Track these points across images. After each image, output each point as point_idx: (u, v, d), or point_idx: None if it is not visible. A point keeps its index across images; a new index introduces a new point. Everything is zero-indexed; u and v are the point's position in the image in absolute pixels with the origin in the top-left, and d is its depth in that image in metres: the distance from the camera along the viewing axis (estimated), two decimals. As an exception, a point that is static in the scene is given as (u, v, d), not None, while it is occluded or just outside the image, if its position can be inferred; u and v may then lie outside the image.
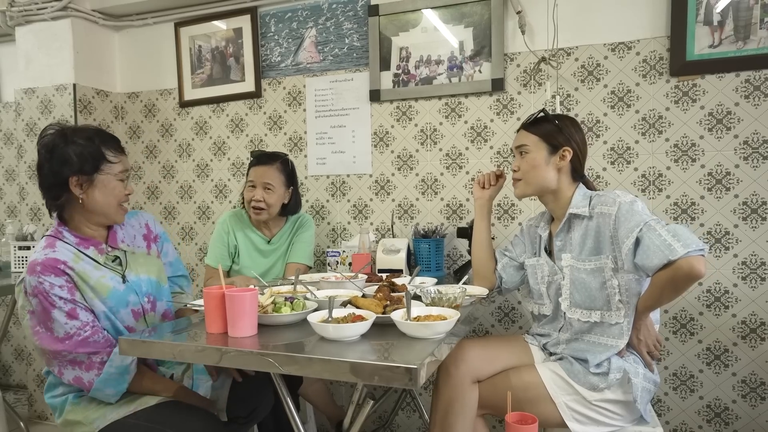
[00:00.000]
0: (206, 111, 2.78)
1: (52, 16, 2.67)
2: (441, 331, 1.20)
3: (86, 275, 1.41)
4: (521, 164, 1.60)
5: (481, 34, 2.24)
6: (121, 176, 1.47)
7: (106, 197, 1.44)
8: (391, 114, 2.42)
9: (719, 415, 2.03)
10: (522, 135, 1.62)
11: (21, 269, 2.57)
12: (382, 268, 2.11)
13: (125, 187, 1.49)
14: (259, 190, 2.07)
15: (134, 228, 1.62)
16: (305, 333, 1.27)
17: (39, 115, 2.78)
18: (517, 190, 1.63)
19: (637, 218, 1.38)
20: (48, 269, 1.35)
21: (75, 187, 1.41)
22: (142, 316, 1.54)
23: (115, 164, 1.46)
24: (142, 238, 1.63)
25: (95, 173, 1.42)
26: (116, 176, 1.46)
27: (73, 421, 1.44)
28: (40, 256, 1.37)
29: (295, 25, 2.57)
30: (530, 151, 1.58)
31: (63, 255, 1.39)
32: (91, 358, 1.38)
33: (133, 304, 1.51)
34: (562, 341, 1.57)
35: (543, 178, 1.56)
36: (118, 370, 1.40)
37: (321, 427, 2.47)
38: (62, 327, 1.35)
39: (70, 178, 1.40)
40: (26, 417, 2.85)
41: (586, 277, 1.49)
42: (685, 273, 1.29)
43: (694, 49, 1.97)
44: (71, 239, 1.45)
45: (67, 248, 1.42)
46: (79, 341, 1.37)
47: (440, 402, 1.51)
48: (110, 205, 1.46)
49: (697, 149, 2.01)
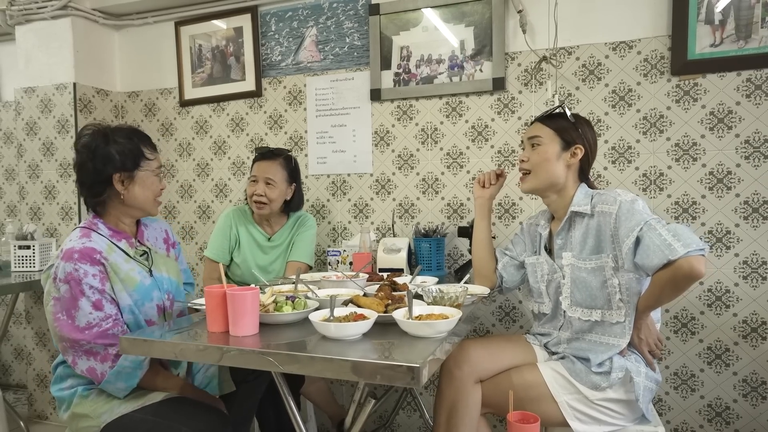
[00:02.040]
0: (206, 110, 2.77)
1: (52, 15, 2.67)
2: (443, 330, 1.20)
3: (117, 267, 1.47)
4: (531, 156, 1.58)
5: (482, 33, 2.24)
6: (158, 172, 1.57)
7: (144, 192, 1.53)
8: (391, 113, 2.42)
9: (720, 415, 2.03)
10: (536, 127, 1.60)
11: (21, 268, 2.57)
12: (382, 267, 2.11)
13: (160, 182, 1.59)
14: (261, 184, 2.09)
15: (156, 231, 1.71)
16: (307, 332, 1.27)
17: (39, 114, 2.78)
18: (526, 184, 1.61)
19: (638, 217, 1.38)
20: (85, 257, 1.40)
21: (117, 183, 1.50)
22: (164, 312, 1.58)
23: (152, 161, 1.55)
24: (163, 241, 1.71)
25: (135, 170, 1.51)
26: (153, 172, 1.55)
27: (81, 414, 1.45)
28: (78, 245, 1.42)
29: (295, 24, 2.56)
30: (543, 143, 1.56)
31: (98, 245, 1.45)
32: (107, 350, 1.41)
33: (157, 299, 1.56)
34: (563, 340, 1.57)
35: (552, 172, 1.55)
36: (133, 365, 1.42)
37: (321, 426, 2.47)
38: (85, 316, 1.39)
39: (113, 176, 1.48)
40: (26, 416, 2.85)
41: (587, 276, 1.49)
42: (685, 273, 1.29)
43: (696, 48, 1.97)
44: (105, 231, 1.51)
45: (102, 239, 1.49)
46: (99, 332, 1.40)
47: (444, 403, 1.50)
48: (148, 199, 1.55)
49: (699, 148, 2.00)
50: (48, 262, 1.50)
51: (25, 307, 2.87)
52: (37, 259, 2.58)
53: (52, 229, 2.80)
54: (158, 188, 1.57)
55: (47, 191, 2.80)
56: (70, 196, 2.75)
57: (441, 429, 1.50)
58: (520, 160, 1.62)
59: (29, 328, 2.87)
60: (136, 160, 1.51)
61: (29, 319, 2.87)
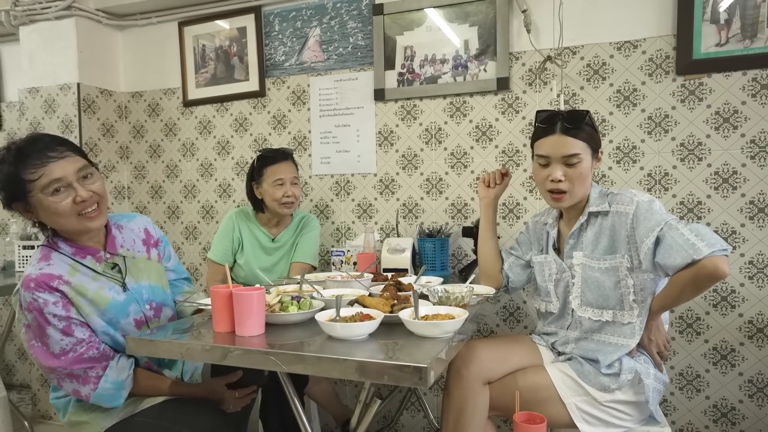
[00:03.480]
0: (210, 110, 2.77)
1: (56, 16, 2.67)
2: (449, 330, 1.20)
3: (83, 288, 1.35)
4: (570, 174, 1.45)
5: (486, 33, 2.23)
6: (52, 188, 1.27)
7: (51, 217, 1.31)
8: (395, 113, 2.42)
9: (726, 415, 2.02)
10: (569, 142, 1.44)
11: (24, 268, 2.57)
12: (387, 267, 2.10)
13: (67, 196, 1.29)
14: (288, 185, 2.12)
15: (133, 232, 1.54)
16: (312, 332, 1.27)
17: (43, 114, 2.78)
18: (564, 203, 1.49)
19: (657, 217, 1.37)
20: (42, 286, 1.29)
21: (25, 213, 1.32)
22: (145, 323, 1.48)
23: (36, 180, 1.26)
24: (142, 243, 1.55)
25: (26, 197, 1.29)
26: (44, 193, 1.27)
27: (78, 421, 1.44)
28: (35, 271, 1.30)
29: (299, 24, 2.56)
30: (582, 160, 1.44)
31: (58, 268, 1.33)
32: (87, 373, 1.34)
33: (135, 313, 1.45)
34: (570, 340, 1.56)
35: (588, 185, 1.50)
36: (114, 386, 1.37)
37: (325, 426, 2.47)
38: (57, 343, 1.31)
39: (12, 206, 1.31)
40: (30, 416, 2.85)
41: (600, 275, 1.48)
42: (709, 272, 1.27)
43: (701, 47, 1.96)
44: (67, 250, 1.37)
45: (63, 260, 1.35)
46: (74, 358, 1.32)
47: (452, 404, 1.49)
48: (58, 222, 1.32)
49: (704, 148, 2.00)
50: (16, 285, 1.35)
51: (29, 307, 2.87)
52: (41, 260, 2.57)
53: (56, 229, 2.80)
54: (65, 205, 1.28)
55: (51, 191, 2.80)
56: (74, 197, 2.75)
57: (449, 430, 1.49)
58: (556, 179, 1.46)
59: (33, 328, 2.87)
60: (20, 187, 1.27)
61: (33, 319, 2.87)
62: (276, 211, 2.15)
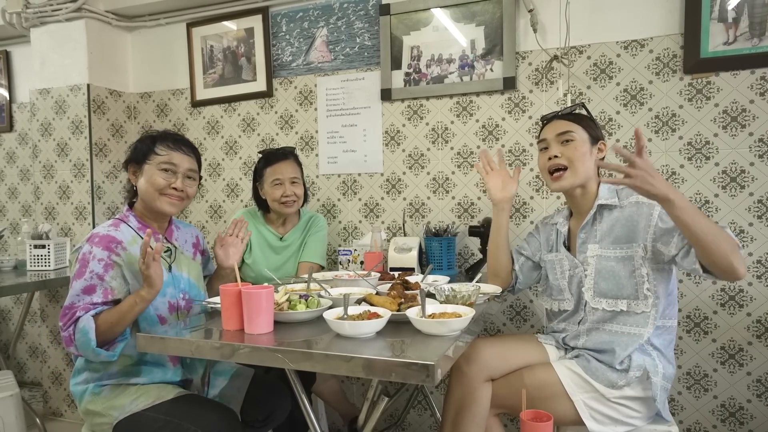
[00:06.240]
0: (218, 111, 2.80)
1: (66, 17, 2.70)
2: (456, 328, 1.21)
3: (135, 258, 1.50)
4: (566, 152, 1.53)
5: (492, 33, 2.24)
6: (162, 167, 1.57)
7: (146, 184, 1.57)
8: (402, 113, 2.43)
9: (734, 415, 2.02)
10: (562, 123, 1.56)
11: (36, 267, 2.61)
12: (393, 266, 2.11)
13: (167, 179, 1.58)
14: (287, 185, 2.12)
15: (187, 234, 1.77)
16: (320, 330, 1.28)
17: (53, 115, 2.81)
18: (564, 181, 1.53)
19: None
20: (102, 242, 1.47)
21: (131, 174, 1.62)
22: (176, 310, 1.59)
23: (160, 155, 1.58)
24: (192, 245, 1.77)
25: (143, 163, 1.59)
26: (157, 166, 1.57)
27: (93, 411, 1.47)
28: (103, 230, 1.50)
29: (306, 25, 2.58)
30: (576, 138, 1.53)
31: (123, 235, 1.52)
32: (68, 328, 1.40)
33: (171, 296, 1.58)
34: (582, 333, 1.55)
35: (588, 167, 1.54)
36: (81, 333, 1.37)
37: (332, 425, 2.48)
38: (71, 297, 1.42)
39: (128, 167, 1.62)
40: (42, 413, 2.89)
41: (615, 264, 1.49)
42: (739, 260, 1.22)
43: (708, 46, 1.96)
44: (134, 224, 1.59)
45: (129, 231, 1.56)
46: (70, 315, 1.40)
47: (452, 400, 1.51)
48: (149, 192, 1.57)
49: (711, 147, 1.99)
50: None
51: (41, 306, 2.91)
52: (52, 259, 2.61)
53: (67, 228, 2.83)
54: (162, 183, 1.57)
55: (61, 191, 2.83)
56: (84, 196, 2.78)
57: (448, 425, 1.50)
58: (553, 156, 1.54)
59: (44, 327, 2.91)
60: (146, 154, 1.58)
61: (44, 317, 2.91)
62: (277, 210, 2.16)
